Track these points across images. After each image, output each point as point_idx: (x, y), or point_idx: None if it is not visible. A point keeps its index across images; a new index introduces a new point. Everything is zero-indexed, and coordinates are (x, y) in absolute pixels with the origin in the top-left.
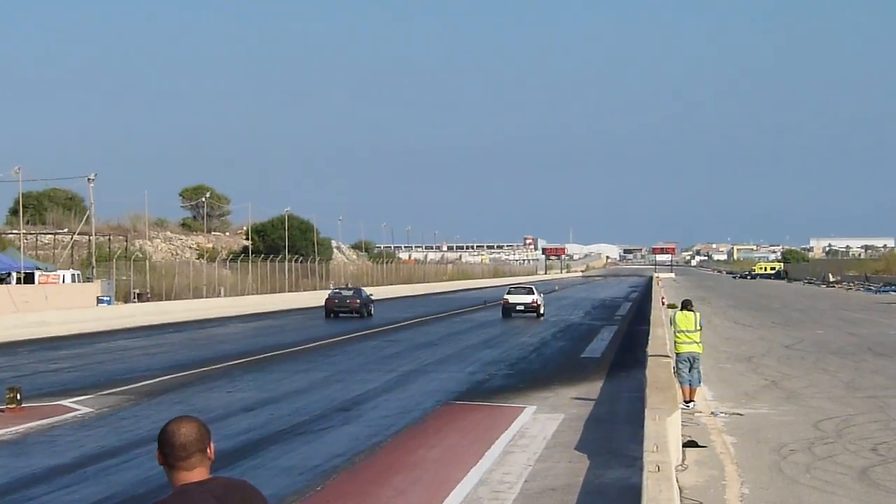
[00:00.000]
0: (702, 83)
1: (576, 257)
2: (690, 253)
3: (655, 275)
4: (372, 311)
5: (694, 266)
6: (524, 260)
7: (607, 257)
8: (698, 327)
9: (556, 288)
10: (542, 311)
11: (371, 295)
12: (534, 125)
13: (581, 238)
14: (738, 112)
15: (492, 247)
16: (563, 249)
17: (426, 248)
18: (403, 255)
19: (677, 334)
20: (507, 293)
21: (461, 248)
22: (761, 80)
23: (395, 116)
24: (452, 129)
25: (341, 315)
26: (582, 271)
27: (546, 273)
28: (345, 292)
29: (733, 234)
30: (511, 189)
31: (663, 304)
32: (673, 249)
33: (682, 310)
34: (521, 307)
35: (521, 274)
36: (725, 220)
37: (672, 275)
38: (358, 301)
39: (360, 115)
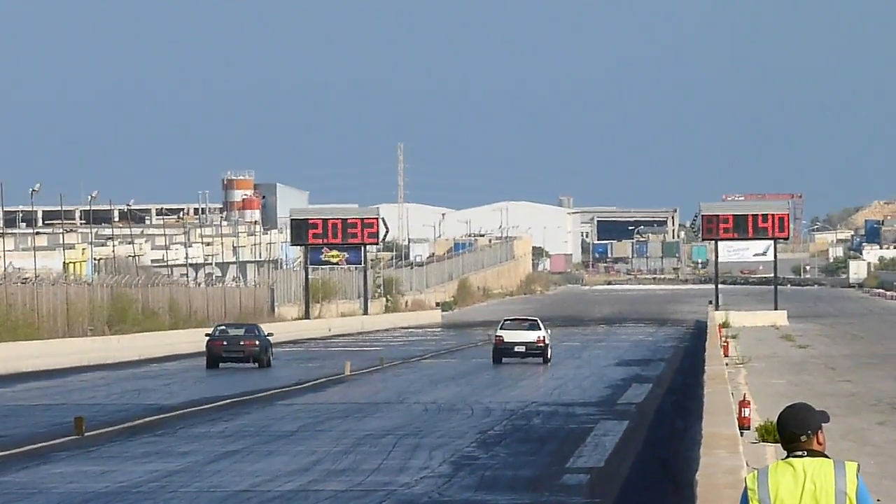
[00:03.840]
0: None
1: (417, 253)
2: (841, 233)
3: (713, 312)
4: (271, 360)
5: (851, 280)
6: (218, 268)
7: (544, 253)
8: None
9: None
10: (549, 355)
11: (270, 334)
12: None
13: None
14: None
15: (106, 218)
16: (375, 223)
17: None
18: None
19: None
20: (501, 328)
21: None
22: None
23: None
24: None
25: (230, 364)
26: (440, 305)
27: (310, 316)
28: (233, 330)
29: None
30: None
31: (744, 423)
32: (783, 221)
33: (788, 454)
34: (521, 348)
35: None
36: None
37: (782, 316)
38: (256, 344)
39: None
